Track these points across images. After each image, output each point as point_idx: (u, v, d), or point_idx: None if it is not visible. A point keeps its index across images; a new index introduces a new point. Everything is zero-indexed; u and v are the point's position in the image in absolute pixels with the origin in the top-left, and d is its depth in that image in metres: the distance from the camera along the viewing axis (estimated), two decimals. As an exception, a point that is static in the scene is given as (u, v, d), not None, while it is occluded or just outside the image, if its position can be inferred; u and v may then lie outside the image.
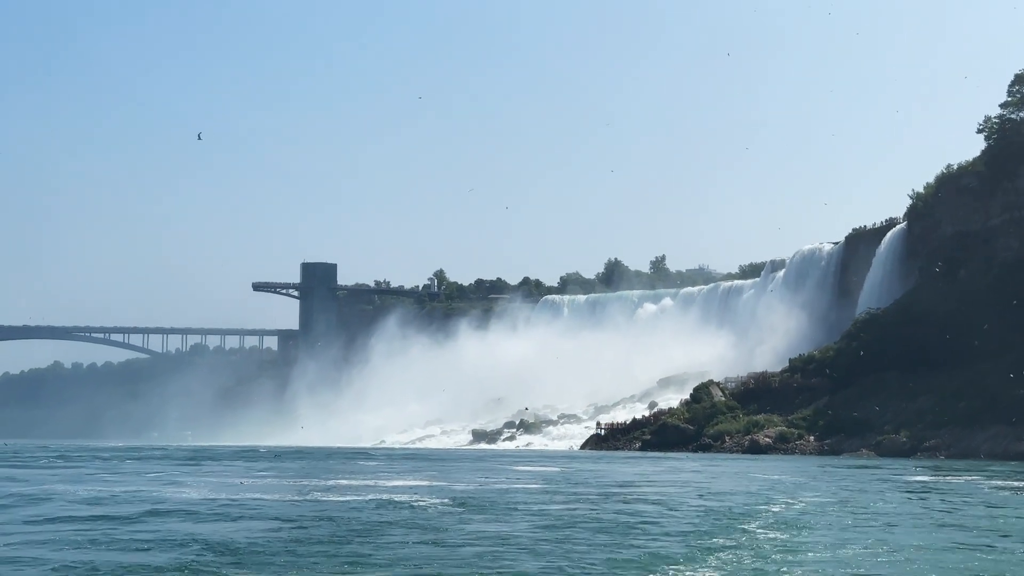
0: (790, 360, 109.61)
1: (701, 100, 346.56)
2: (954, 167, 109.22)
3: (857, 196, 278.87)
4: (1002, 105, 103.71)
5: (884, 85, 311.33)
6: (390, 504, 30.79)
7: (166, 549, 20.44)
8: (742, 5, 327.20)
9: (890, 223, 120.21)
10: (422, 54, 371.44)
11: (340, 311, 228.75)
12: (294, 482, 42.74)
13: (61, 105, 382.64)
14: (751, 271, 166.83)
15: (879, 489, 40.43)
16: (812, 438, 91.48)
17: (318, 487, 39.23)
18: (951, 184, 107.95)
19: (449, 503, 31.24)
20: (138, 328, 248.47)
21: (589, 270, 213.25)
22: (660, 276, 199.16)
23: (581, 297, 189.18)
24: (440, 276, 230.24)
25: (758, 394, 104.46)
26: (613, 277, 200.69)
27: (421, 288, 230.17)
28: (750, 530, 24.68)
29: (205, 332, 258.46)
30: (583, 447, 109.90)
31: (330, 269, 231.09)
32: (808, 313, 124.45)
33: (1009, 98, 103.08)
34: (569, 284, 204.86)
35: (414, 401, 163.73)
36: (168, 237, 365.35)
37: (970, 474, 51.41)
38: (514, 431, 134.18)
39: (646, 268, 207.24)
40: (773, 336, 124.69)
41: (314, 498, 33.60)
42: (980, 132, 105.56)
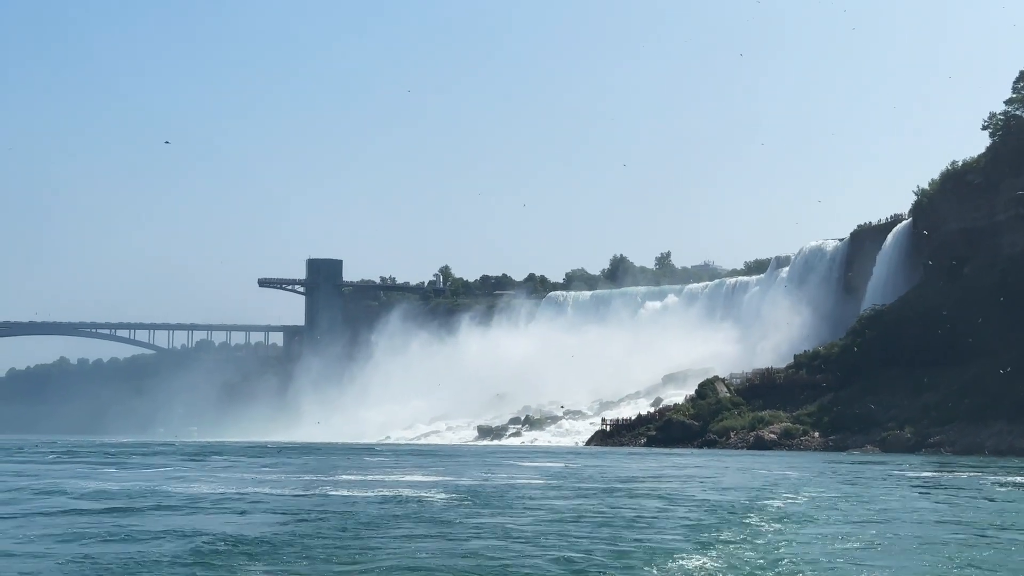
0: (795, 356, 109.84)
1: (707, 96, 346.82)
2: (959, 164, 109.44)
3: (862, 193, 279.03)
4: (1007, 102, 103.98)
5: (888, 82, 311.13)
6: (398, 498, 31.06)
7: (178, 541, 20.71)
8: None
9: (895, 220, 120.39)
10: (427, 50, 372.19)
11: (345, 307, 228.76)
12: (302, 477, 43.00)
13: (66, 102, 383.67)
14: (756, 267, 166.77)
15: (883, 485, 40.65)
16: (817, 434, 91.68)
17: (326, 482, 39.51)
18: (956, 181, 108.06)
19: (456, 497, 31.50)
20: (144, 324, 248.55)
21: (595, 266, 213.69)
22: (665, 272, 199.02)
23: (586, 293, 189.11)
24: (445, 272, 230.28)
25: (763, 390, 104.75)
26: (618, 273, 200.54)
27: (426, 284, 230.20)
28: (753, 524, 24.93)
29: (211, 328, 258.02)
30: (588, 443, 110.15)
31: (336, 265, 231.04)
32: (813, 309, 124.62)
33: (1014, 94, 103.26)
34: (574, 280, 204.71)
35: (417, 397, 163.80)
36: (174, 233, 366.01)
37: (974, 470, 51.57)
38: (519, 427, 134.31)
39: (651, 264, 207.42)
40: (778, 332, 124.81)
41: (323, 492, 33.88)
42: (985, 129, 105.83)
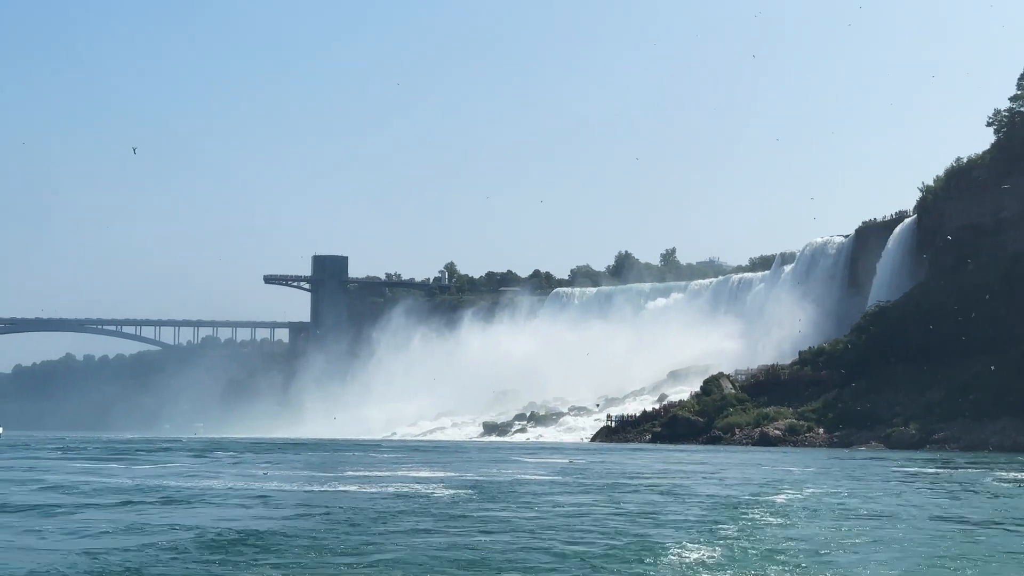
0: (800, 353, 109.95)
1: (712, 93, 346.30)
2: (963, 160, 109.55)
3: (867, 190, 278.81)
4: (1011, 98, 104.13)
5: (894, 79, 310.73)
6: (406, 493, 31.44)
7: (191, 535, 21.07)
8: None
9: (900, 216, 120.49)
10: (432, 46, 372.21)
11: (351, 303, 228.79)
12: (311, 473, 43.39)
13: (71, 100, 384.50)
14: (761, 264, 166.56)
15: (886, 481, 40.92)
16: (822, 430, 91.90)
17: (335, 478, 39.88)
18: (961, 177, 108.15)
19: (463, 493, 31.84)
20: (150, 321, 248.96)
21: (600, 263, 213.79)
22: (670, 269, 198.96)
23: (591, 290, 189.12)
24: (451, 268, 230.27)
25: (768, 387, 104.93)
26: (623, 270, 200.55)
27: (432, 280, 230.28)
28: (756, 518, 25.23)
29: (216, 325, 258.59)
30: (593, 439, 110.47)
31: (341, 262, 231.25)
32: (817, 306, 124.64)
33: (1018, 91, 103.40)
34: (579, 277, 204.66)
35: (420, 394, 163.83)
36: (180, 230, 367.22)
37: (977, 466, 51.77)
38: (525, 423, 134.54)
39: (656, 261, 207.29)
40: (782, 329, 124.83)
41: (332, 488, 34.26)
42: (989, 125, 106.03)
